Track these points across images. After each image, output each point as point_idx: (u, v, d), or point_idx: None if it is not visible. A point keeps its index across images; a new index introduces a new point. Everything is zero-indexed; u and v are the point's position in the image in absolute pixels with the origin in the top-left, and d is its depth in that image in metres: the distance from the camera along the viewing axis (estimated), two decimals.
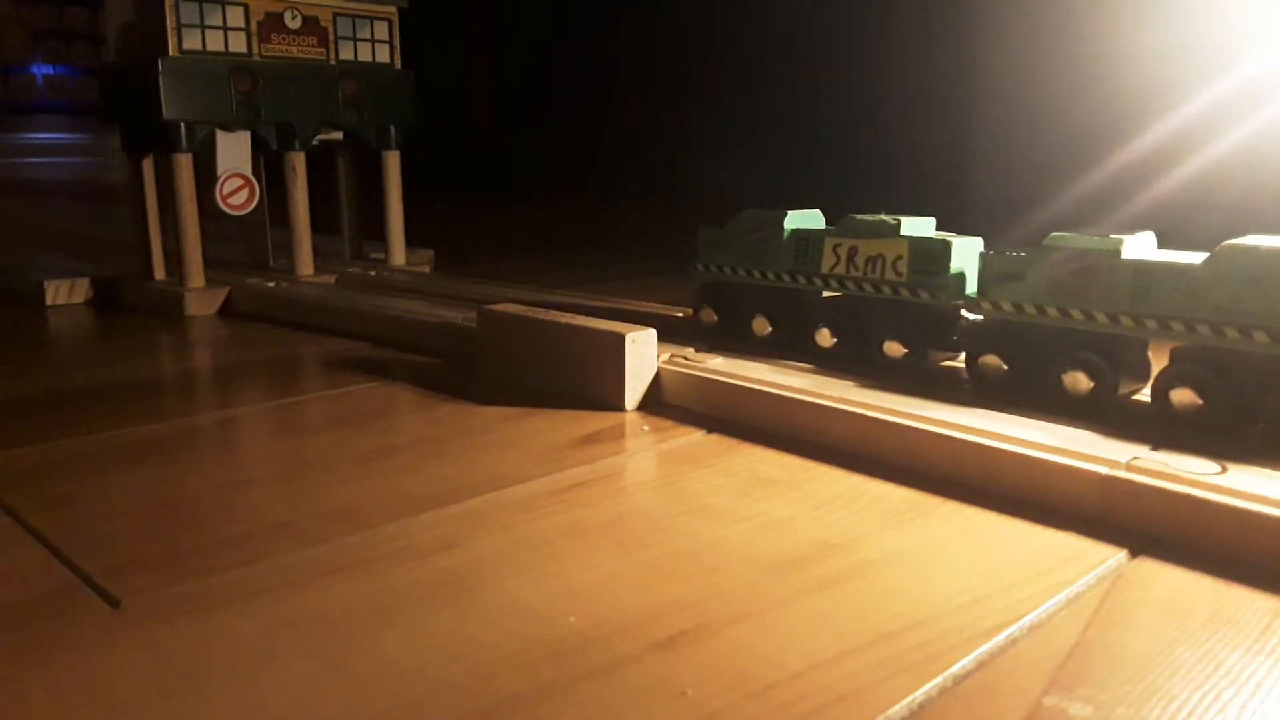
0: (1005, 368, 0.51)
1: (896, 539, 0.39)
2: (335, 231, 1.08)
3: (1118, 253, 0.47)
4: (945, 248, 0.54)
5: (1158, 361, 0.48)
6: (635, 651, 0.31)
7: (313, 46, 0.93)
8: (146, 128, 0.87)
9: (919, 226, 0.57)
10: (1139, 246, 0.48)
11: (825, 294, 0.61)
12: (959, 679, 0.29)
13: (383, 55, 0.98)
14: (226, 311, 0.90)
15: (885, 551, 0.38)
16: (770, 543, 0.39)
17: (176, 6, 0.84)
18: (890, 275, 0.56)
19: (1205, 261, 0.44)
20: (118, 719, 0.28)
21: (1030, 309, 0.50)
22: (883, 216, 0.57)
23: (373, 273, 0.98)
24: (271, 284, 0.91)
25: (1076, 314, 0.48)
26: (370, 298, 0.84)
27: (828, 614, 0.33)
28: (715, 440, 0.52)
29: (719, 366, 0.57)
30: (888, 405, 0.49)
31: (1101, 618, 0.33)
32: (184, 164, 0.87)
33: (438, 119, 1.06)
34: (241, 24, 0.88)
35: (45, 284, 0.94)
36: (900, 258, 0.55)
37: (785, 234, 0.61)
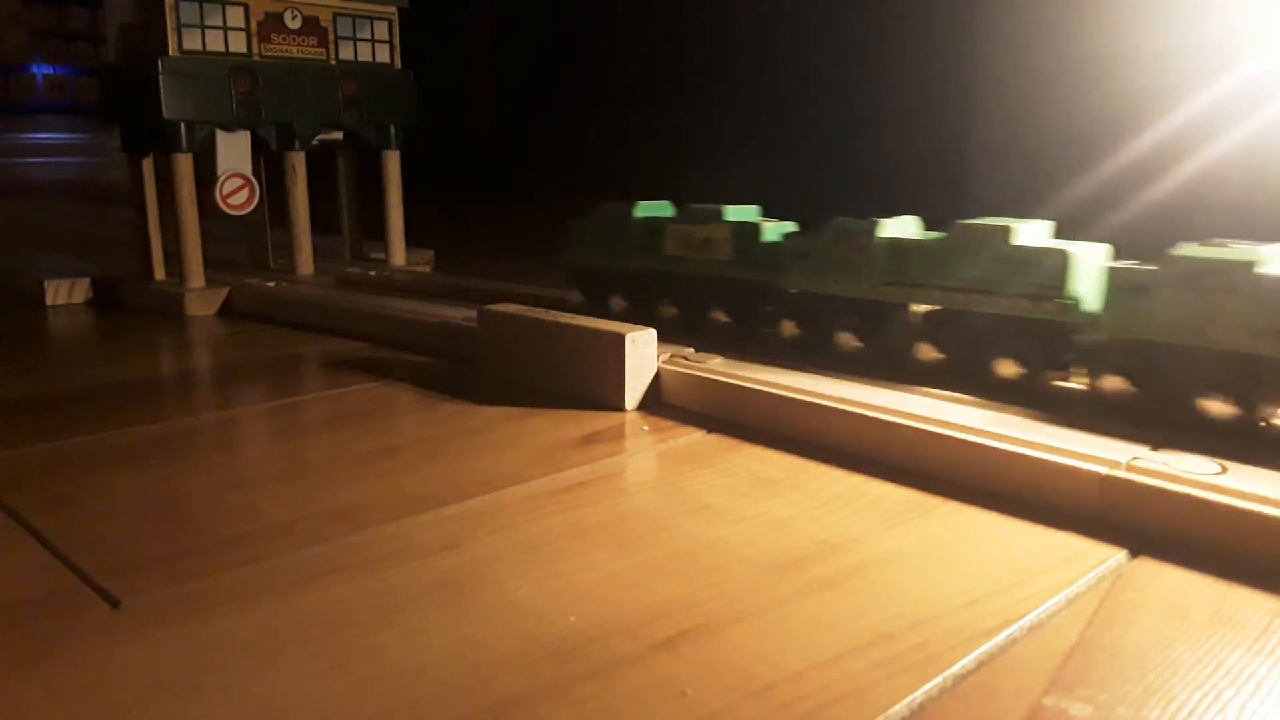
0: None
1: (896, 539, 0.39)
2: (335, 232, 1.08)
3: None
4: (756, 230, 0.63)
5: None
6: (635, 651, 0.31)
7: (313, 46, 0.93)
8: (146, 128, 0.87)
9: (742, 214, 0.65)
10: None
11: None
12: (959, 679, 0.29)
13: (383, 55, 0.98)
14: (226, 311, 0.90)
15: (885, 551, 0.38)
16: (770, 543, 0.39)
17: (176, 6, 0.84)
18: (717, 255, 0.65)
19: None
20: (118, 719, 0.28)
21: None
22: (710, 206, 0.66)
23: (373, 272, 0.98)
24: (271, 284, 0.91)
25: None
26: (370, 298, 0.84)
27: (828, 614, 0.33)
28: (715, 440, 0.52)
29: (719, 366, 0.57)
30: (888, 405, 0.49)
31: (1101, 618, 0.33)
32: (184, 164, 0.87)
33: (438, 119, 1.06)
34: (241, 24, 0.88)
35: (45, 284, 0.94)
36: (725, 240, 0.64)
37: (635, 223, 0.69)
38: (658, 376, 0.58)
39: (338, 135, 0.99)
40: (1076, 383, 0.53)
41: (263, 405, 0.61)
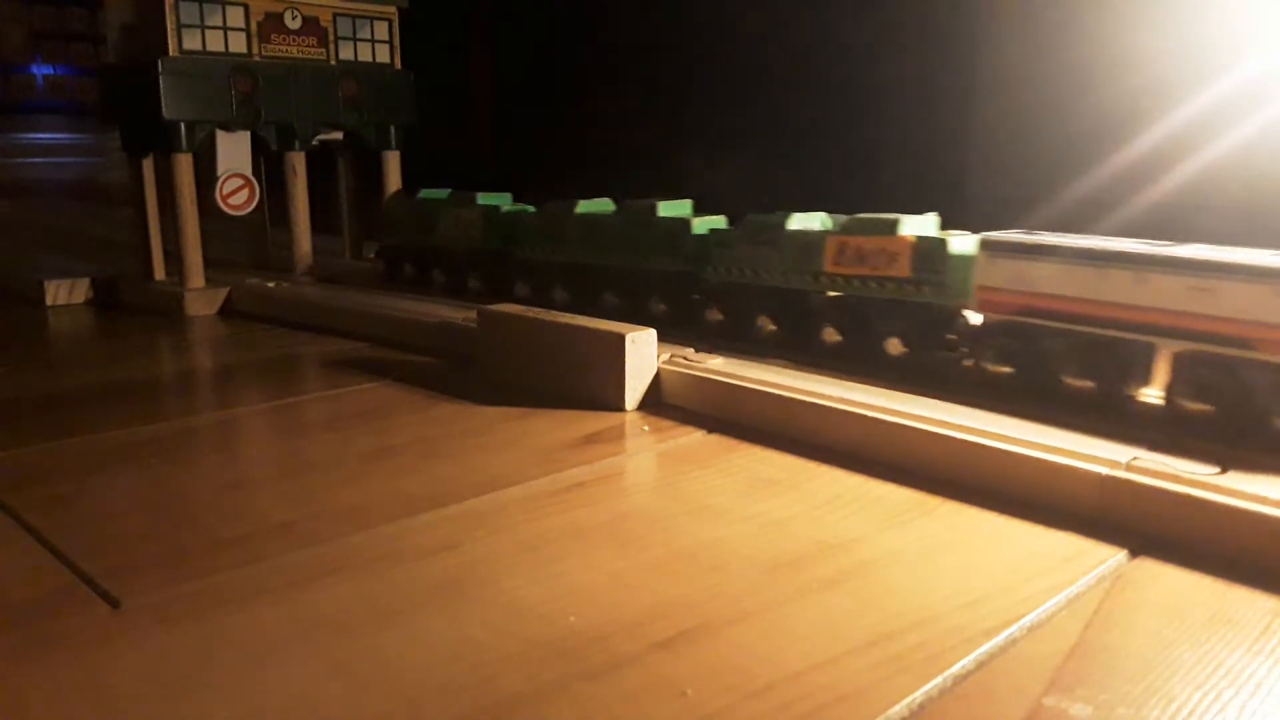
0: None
1: (896, 539, 0.39)
2: (335, 232, 1.08)
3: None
4: (497, 210, 0.80)
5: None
6: (635, 651, 0.31)
7: (313, 46, 0.93)
8: (146, 128, 0.87)
9: (496, 199, 0.83)
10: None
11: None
12: (959, 679, 0.29)
13: (383, 55, 0.98)
14: (226, 311, 0.90)
15: (885, 551, 0.38)
16: (770, 543, 0.39)
17: (176, 6, 0.84)
18: (472, 234, 0.82)
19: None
20: (117, 719, 0.28)
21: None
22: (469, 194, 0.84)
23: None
24: (271, 284, 0.91)
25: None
26: (370, 298, 0.84)
27: (828, 614, 0.33)
28: (715, 440, 0.52)
29: (719, 367, 0.57)
30: (888, 405, 0.49)
31: (1101, 618, 0.33)
32: (184, 164, 0.87)
33: (438, 119, 1.06)
34: (241, 24, 0.88)
35: (45, 284, 0.94)
36: (475, 223, 0.82)
37: (413, 207, 0.87)
38: (658, 376, 0.58)
39: (338, 135, 0.99)
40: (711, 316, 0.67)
41: (263, 405, 0.61)
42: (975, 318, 0.54)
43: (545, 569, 0.37)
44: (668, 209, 0.70)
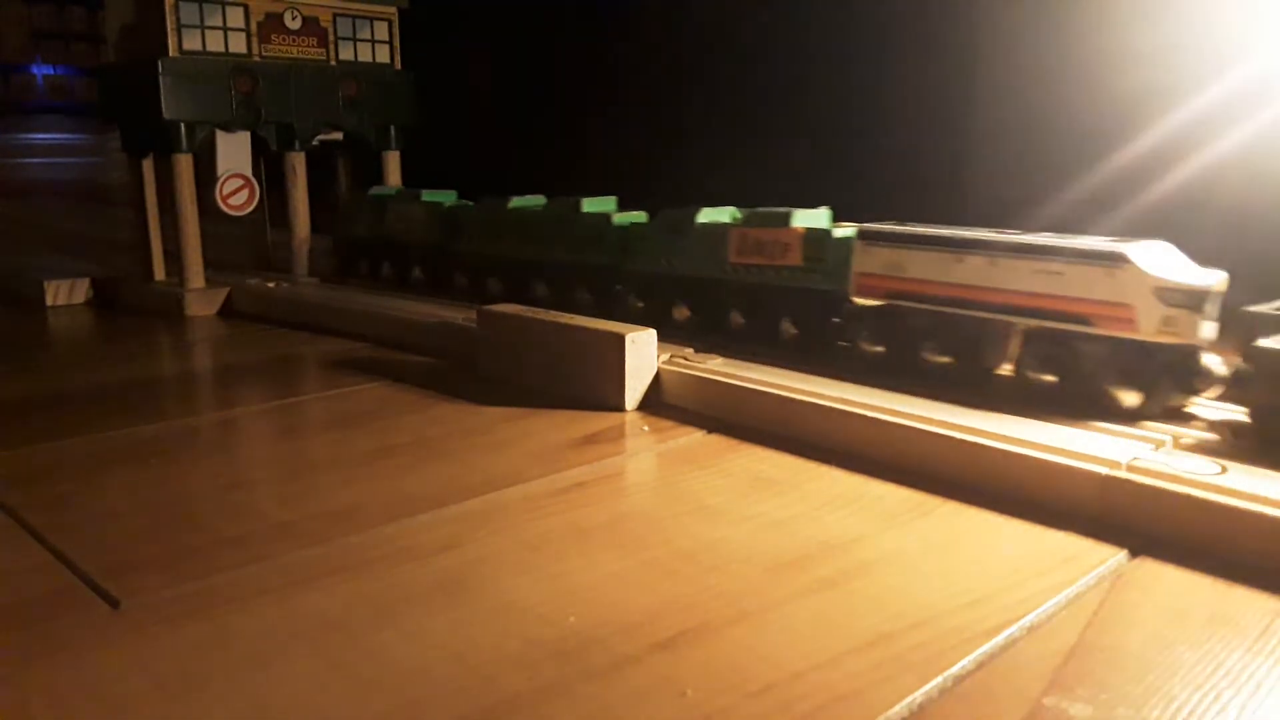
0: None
1: (896, 539, 0.39)
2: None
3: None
4: (439, 205, 0.86)
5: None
6: (635, 651, 0.31)
7: (313, 47, 0.93)
8: (146, 128, 0.87)
9: (441, 196, 0.88)
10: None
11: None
12: (959, 679, 0.29)
13: (383, 55, 0.98)
14: (226, 311, 0.90)
15: (885, 552, 0.38)
16: (770, 543, 0.39)
17: (176, 7, 0.84)
18: (415, 229, 0.87)
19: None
20: (117, 719, 0.28)
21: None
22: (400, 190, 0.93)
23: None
24: (271, 284, 0.91)
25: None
26: (370, 298, 0.84)
27: (828, 614, 0.33)
28: (715, 440, 0.52)
29: (719, 367, 0.57)
30: (888, 405, 0.49)
31: (1101, 618, 0.33)
32: (184, 164, 0.87)
33: (438, 119, 1.06)
34: (241, 24, 0.88)
35: (45, 284, 0.94)
36: (418, 218, 0.87)
37: (365, 204, 0.92)
38: (658, 376, 0.58)
39: (338, 135, 0.99)
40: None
41: (263, 405, 0.61)
42: (858, 302, 0.58)
43: (545, 569, 0.37)
44: (592, 205, 0.74)
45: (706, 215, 0.67)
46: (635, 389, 0.57)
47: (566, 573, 0.36)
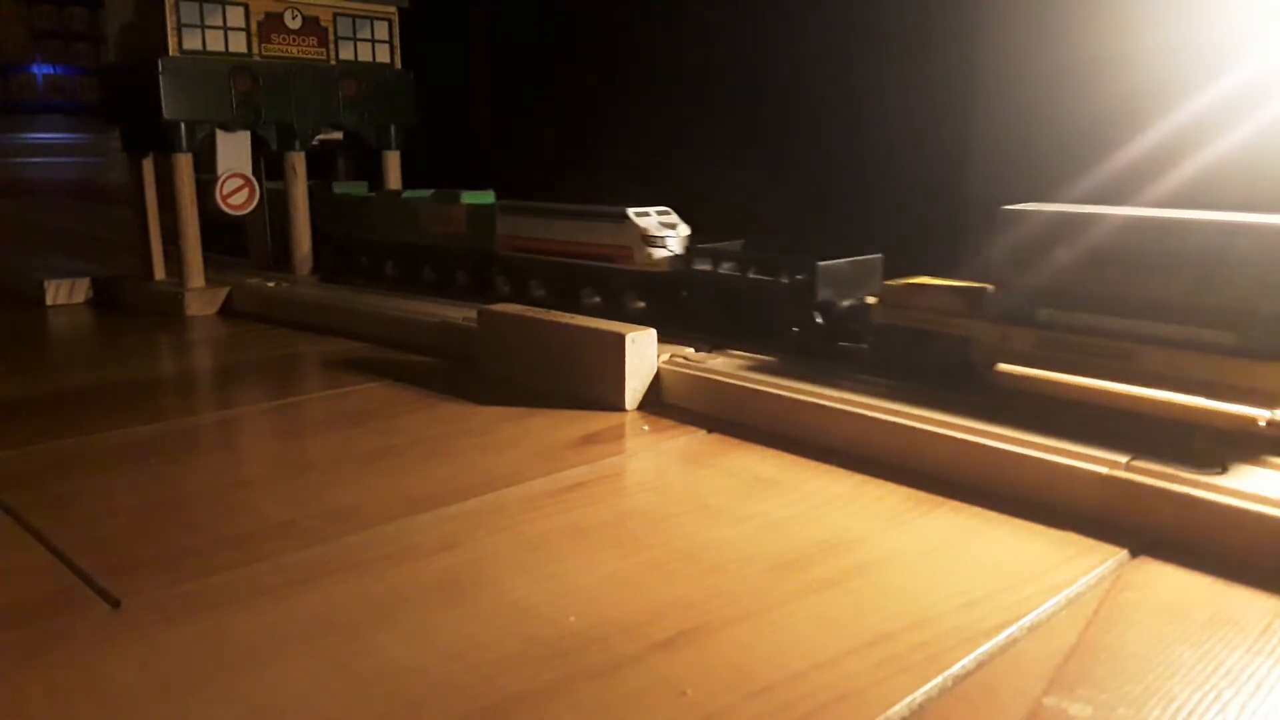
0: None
1: (896, 539, 0.39)
2: None
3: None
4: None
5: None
6: (635, 651, 0.31)
7: (313, 46, 0.93)
8: (147, 128, 0.87)
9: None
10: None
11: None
12: (959, 679, 0.29)
13: (383, 55, 0.98)
14: (226, 311, 0.90)
15: (885, 551, 0.38)
16: (770, 543, 0.39)
17: (177, 6, 0.84)
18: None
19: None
20: (117, 719, 0.28)
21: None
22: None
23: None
24: (271, 284, 0.91)
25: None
26: (370, 297, 0.84)
27: (828, 614, 0.33)
28: (715, 440, 0.52)
29: (719, 366, 0.57)
30: (888, 405, 0.49)
31: (1101, 618, 0.33)
32: (184, 164, 0.87)
33: (438, 119, 1.06)
34: (241, 24, 0.88)
35: (45, 284, 0.94)
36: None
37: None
38: (658, 376, 0.58)
39: (338, 135, 0.99)
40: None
41: (263, 405, 0.61)
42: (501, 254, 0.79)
43: (545, 569, 0.37)
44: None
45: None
46: (635, 388, 0.57)
47: (566, 572, 0.36)
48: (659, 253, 0.68)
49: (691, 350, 0.61)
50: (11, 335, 0.84)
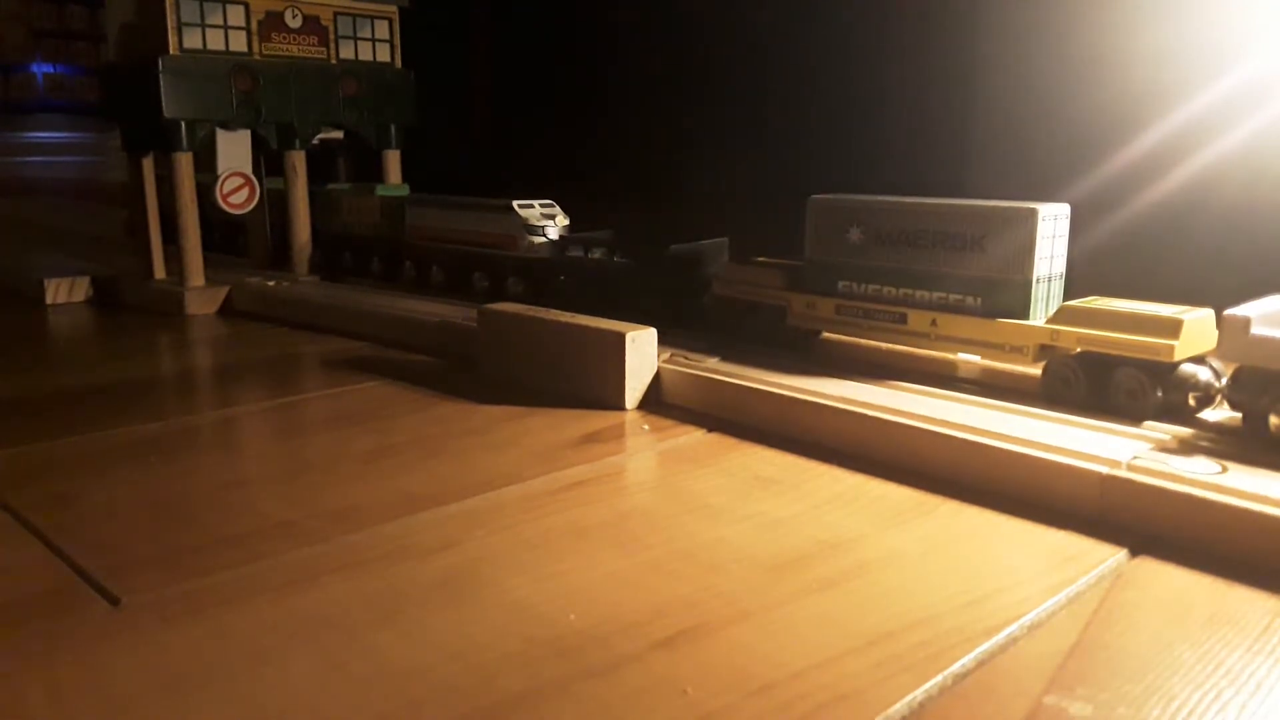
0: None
1: (896, 539, 0.39)
2: None
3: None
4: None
5: None
6: (635, 651, 0.31)
7: (313, 46, 0.93)
8: (147, 127, 0.87)
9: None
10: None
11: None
12: (959, 678, 0.29)
13: (383, 55, 0.98)
14: (226, 311, 0.90)
15: (885, 551, 0.38)
16: (770, 543, 0.39)
17: (177, 5, 0.84)
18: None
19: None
20: (118, 718, 0.28)
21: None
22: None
23: None
24: (271, 283, 0.91)
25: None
26: (370, 297, 0.84)
27: (828, 614, 0.33)
28: (715, 440, 0.52)
29: (719, 366, 0.57)
30: (888, 405, 0.49)
31: (1101, 618, 0.33)
32: (184, 163, 0.87)
33: (438, 119, 1.07)
34: (242, 23, 0.88)
35: (45, 283, 0.94)
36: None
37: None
38: (658, 376, 0.58)
39: (338, 135, 0.99)
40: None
41: (263, 404, 0.61)
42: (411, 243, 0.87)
43: (545, 568, 0.37)
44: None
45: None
46: (635, 388, 0.57)
47: (566, 572, 0.36)
48: (539, 240, 0.77)
49: (691, 350, 0.60)
50: (11, 334, 0.84)
